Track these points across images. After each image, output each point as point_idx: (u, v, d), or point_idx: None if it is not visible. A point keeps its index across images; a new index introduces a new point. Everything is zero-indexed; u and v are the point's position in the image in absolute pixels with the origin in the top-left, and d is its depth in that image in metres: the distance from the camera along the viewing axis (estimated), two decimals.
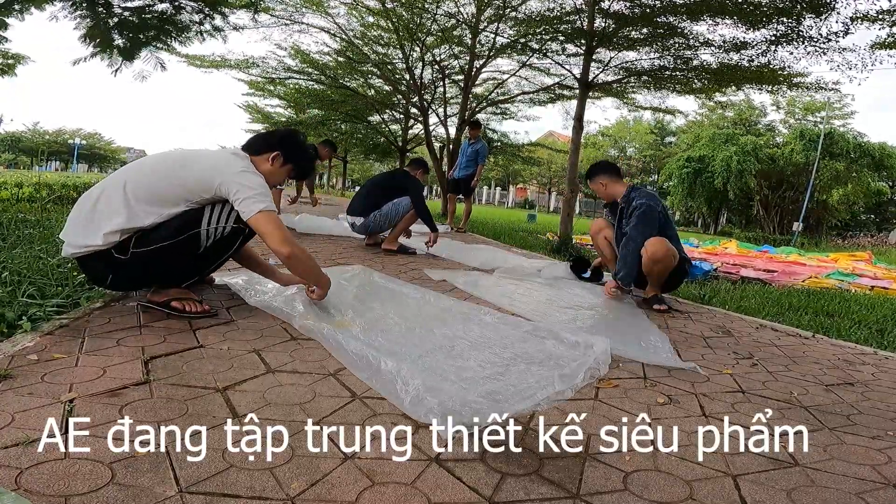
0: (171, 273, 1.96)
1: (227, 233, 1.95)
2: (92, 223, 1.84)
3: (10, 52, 10.63)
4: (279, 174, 2.14)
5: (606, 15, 6.15)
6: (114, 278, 1.91)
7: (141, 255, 1.84)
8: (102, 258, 1.85)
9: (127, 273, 1.88)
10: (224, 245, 2.01)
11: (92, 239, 1.82)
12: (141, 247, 1.84)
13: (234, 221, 1.93)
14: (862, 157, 20.02)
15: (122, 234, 1.83)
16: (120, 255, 1.84)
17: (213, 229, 1.92)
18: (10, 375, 1.30)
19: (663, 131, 34.52)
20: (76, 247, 1.86)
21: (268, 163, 2.07)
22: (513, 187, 45.64)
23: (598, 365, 1.71)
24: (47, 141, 47.10)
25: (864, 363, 2.23)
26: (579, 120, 6.51)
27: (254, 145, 2.11)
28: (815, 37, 5.49)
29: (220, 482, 0.96)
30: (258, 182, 1.94)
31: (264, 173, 2.03)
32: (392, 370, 1.45)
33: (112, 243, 1.82)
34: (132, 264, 1.85)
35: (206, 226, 1.90)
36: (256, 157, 2.06)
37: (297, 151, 2.15)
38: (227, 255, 2.11)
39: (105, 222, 1.82)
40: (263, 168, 2.05)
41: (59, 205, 5.37)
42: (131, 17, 6.21)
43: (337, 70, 12.61)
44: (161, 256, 1.85)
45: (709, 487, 1.09)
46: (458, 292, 2.85)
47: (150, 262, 1.86)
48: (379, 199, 4.20)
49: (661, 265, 2.88)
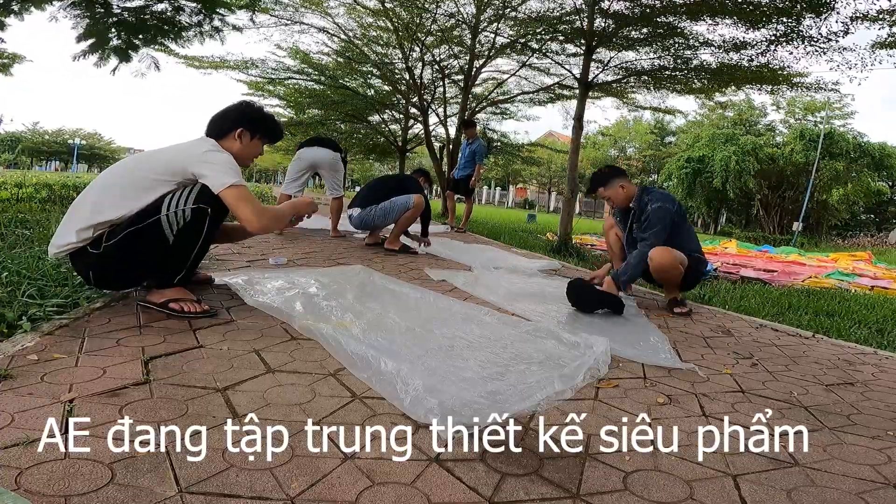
0: (146, 265, 1.95)
1: (188, 216, 1.88)
2: (69, 221, 1.90)
3: (6, 51, 10.63)
4: (251, 148, 2.13)
5: (606, 15, 6.15)
6: (94, 274, 1.93)
7: (111, 247, 1.85)
8: (81, 255, 1.88)
9: (104, 267, 1.90)
10: (192, 231, 1.92)
11: (68, 237, 1.86)
12: (110, 239, 1.86)
13: (192, 203, 1.87)
14: (862, 156, 20.02)
15: (94, 230, 1.85)
16: (94, 250, 1.87)
17: (174, 213, 1.87)
18: (10, 375, 1.30)
19: (663, 131, 34.52)
20: (57, 246, 1.89)
21: (236, 141, 2.07)
22: (513, 187, 45.65)
23: (598, 365, 1.71)
24: (47, 141, 47.10)
25: (864, 363, 2.23)
26: (579, 120, 6.51)
27: (215, 128, 2.09)
28: (815, 37, 5.49)
29: (220, 482, 0.96)
30: (224, 158, 1.94)
31: (236, 152, 2.04)
32: (392, 370, 1.45)
33: (86, 239, 1.85)
34: (106, 257, 1.87)
35: (166, 211, 1.87)
36: (223, 140, 2.06)
37: (260, 120, 2.14)
38: (201, 240, 1.98)
39: (79, 220, 1.87)
40: (234, 148, 2.05)
41: (59, 205, 5.37)
42: (130, 18, 6.21)
43: (336, 70, 12.61)
44: (130, 247, 1.86)
45: (709, 487, 1.09)
46: (458, 292, 2.85)
47: (121, 254, 1.86)
48: (380, 196, 4.22)
49: (667, 274, 2.84)
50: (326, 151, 4.73)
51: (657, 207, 2.85)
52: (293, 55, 12.17)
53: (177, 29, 6.45)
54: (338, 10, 10.58)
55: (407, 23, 9.68)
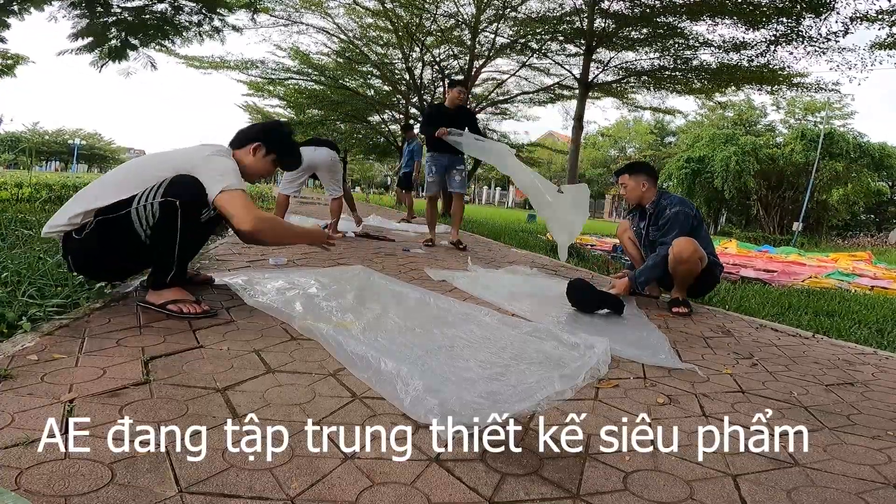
0: (119, 256, 1.94)
1: (156, 211, 1.83)
2: (66, 207, 1.95)
3: (9, 52, 10.63)
4: (262, 164, 2.13)
5: (606, 15, 6.16)
6: (73, 260, 1.97)
7: (89, 234, 1.89)
8: (67, 240, 1.94)
9: (80, 253, 1.94)
10: (165, 227, 1.86)
11: (59, 220, 1.92)
12: (91, 226, 1.89)
13: (160, 196, 1.83)
14: (862, 157, 20.00)
15: (83, 217, 1.89)
16: (77, 235, 1.91)
17: (143, 206, 1.85)
18: (10, 375, 1.30)
19: (663, 131, 34.52)
20: (49, 226, 1.95)
21: (250, 154, 2.09)
22: (513, 187, 45.62)
23: (598, 365, 1.71)
24: (47, 141, 47.07)
25: (864, 363, 2.23)
26: (579, 120, 6.52)
27: (238, 138, 2.14)
28: (815, 37, 5.50)
29: (220, 482, 0.96)
30: (224, 164, 1.94)
31: (248, 165, 2.06)
32: (392, 370, 1.45)
33: (74, 224, 1.90)
34: (83, 243, 1.90)
35: (136, 204, 1.85)
36: (239, 150, 2.09)
37: (279, 141, 2.15)
38: (178, 235, 1.88)
39: (74, 206, 1.92)
40: (247, 160, 2.07)
41: (58, 205, 5.36)
42: (130, 17, 6.21)
43: (336, 70, 12.62)
44: (103, 236, 1.88)
45: (709, 487, 1.09)
46: (458, 292, 2.85)
47: (94, 242, 1.89)
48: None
49: (686, 266, 2.81)
50: (325, 151, 4.73)
51: (677, 212, 2.84)
52: (293, 55, 12.18)
53: (177, 29, 6.45)
54: (337, 10, 10.60)
55: (407, 23, 9.69)
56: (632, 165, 3.16)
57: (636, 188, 3.02)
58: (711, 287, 3.14)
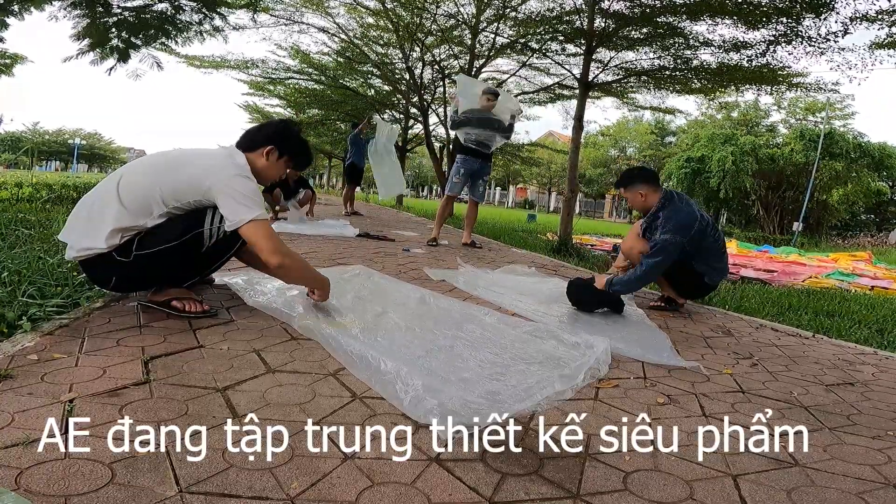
0: (173, 274, 1.96)
1: (229, 232, 1.90)
2: (91, 225, 1.84)
3: (7, 51, 10.64)
4: (276, 168, 2.08)
5: (606, 15, 6.14)
6: (117, 280, 1.90)
7: (144, 256, 1.83)
8: (105, 261, 1.84)
9: (130, 275, 1.88)
10: (225, 245, 1.97)
11: (93, 241, 1.81)
12: (144, 249, 1.83)
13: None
14: (862, 157, 19.99)
15: (122, 236, 1.82)
16: (122, 257, 1.83)
17: (217, 228, 1.89)
18: (10, 375, 1.30)
19: (663, 131, 34.53)
20: (78, 249, 1.85)
21: (263, 157, 2.02)
22: (513, 187, 45.68)
23: (598, 365, 1.71)
24: (47, 141, 47.07)
25: (864, 363, 2.23)
26: (579, 120, 6.50)
27: (247, 141, 2.05)
28: (815, 37, 5.49)
29: (220, 482, 0.96)
30: (250, 188, 1.88)
31: (261, 168, 2.01)
32: (392, 370, 1.45)
33: (113, 245, 1.82)
34: (135, 266, 1.84)
35: (209, 225, 1.88)
36: (251, 154, 2.01)
37: (292, 142, 2.10)
38: (228, 256, 2.06)
39: (104, 224, 1.82)
40: (259, 163, 2.01)
41: (58, 205, 5.36)
42: (130, 17, 6.21)
43: (337, 70, 12.62)
44: (164, 258, 1.85)
45: (709, 487, 1.09)
46: (458, 292, 2.85)
47: (153, 263, 1.85)
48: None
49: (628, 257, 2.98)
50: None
51: (665, 239, 2.66)
52: (293, 55, 12.18)
53: (177, 28, 6.45)
54: (338, 10, 10.60)
55: (407, 23, 9.69)
56: (624, 178, 2.99)
57: (635, 199, 2.92)
58: (701, 291, 3.05)
